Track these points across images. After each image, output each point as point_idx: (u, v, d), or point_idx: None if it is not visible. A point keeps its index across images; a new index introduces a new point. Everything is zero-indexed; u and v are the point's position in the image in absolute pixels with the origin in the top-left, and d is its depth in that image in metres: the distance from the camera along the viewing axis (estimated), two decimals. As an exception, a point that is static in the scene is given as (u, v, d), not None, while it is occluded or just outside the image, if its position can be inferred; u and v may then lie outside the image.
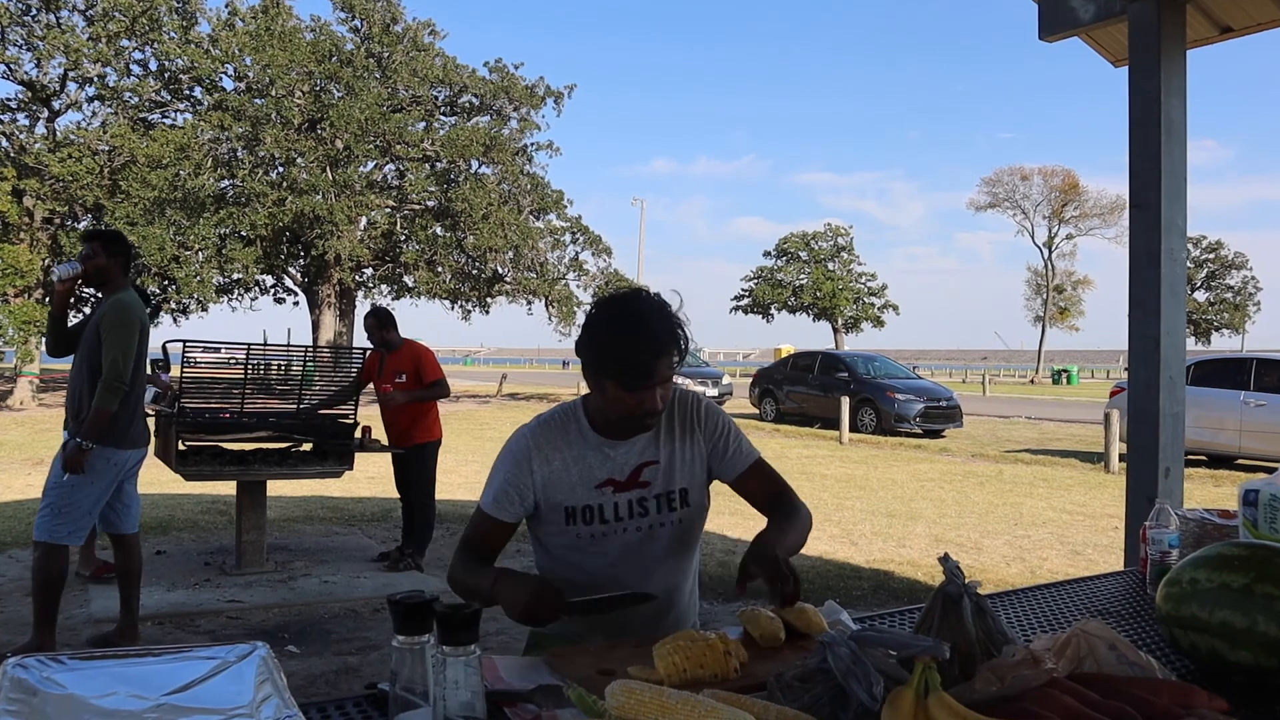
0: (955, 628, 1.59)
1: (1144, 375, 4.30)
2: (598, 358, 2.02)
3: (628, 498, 2.14)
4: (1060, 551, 7.58)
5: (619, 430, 2.12)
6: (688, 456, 2.19)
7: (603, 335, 2.01)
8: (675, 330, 2.02)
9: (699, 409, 2.23)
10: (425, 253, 27.74)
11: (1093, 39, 4.78)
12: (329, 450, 6.44)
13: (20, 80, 25.80)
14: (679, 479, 2.18)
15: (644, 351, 1.96)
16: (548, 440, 2.14)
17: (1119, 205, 62.87)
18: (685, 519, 2.20)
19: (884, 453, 15.69)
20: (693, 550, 2.29)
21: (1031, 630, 2.07)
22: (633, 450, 2.15)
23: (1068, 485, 11.66)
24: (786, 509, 2.16)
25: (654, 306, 2.02)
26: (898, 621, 2.15)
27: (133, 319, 4.53)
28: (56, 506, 4.43)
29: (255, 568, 6.38)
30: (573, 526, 2.12)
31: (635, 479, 2.14)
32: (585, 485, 2.12)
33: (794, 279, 58.14)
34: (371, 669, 4.64)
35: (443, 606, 1.34)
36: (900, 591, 6.17)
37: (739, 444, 2.24)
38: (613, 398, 2.02)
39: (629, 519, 2.14)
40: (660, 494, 2.16)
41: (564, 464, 2.12)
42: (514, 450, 2.15)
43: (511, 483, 2.12)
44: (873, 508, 9.67)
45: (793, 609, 1.89)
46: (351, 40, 28.48)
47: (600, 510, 2.12)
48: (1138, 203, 4.14)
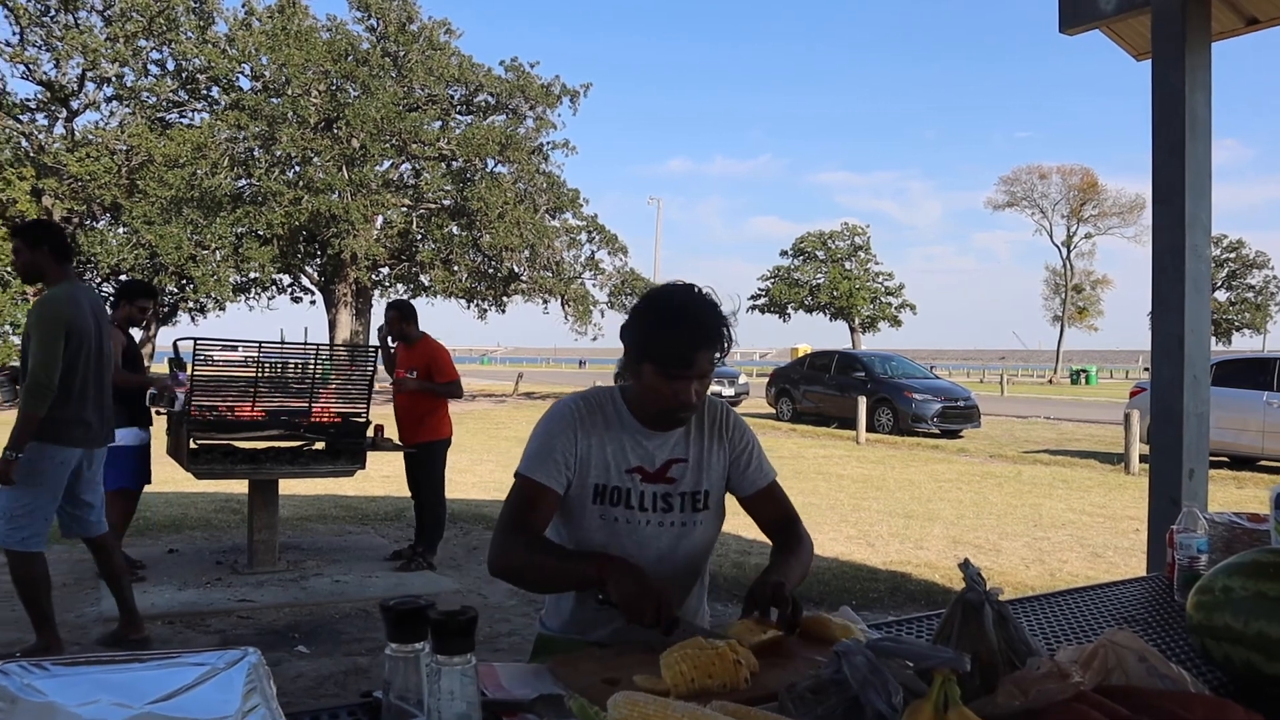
0: (976, 637, 1.52)
1: (1167, 374, 4.21)
2: (640, 341, 2.02)
3: (654, 489, 2.12)
4: (1080, 554, 7.48)
5: (653, 421, 2.12)
6: (713, 461, 2.18)
7: (648, 319, 2.02)
8: (721, 327, 2.01)
9: (728, 418, 2.24)
10: (441, 252, 27.76)
11: (1114, 32, 4.69)
12: (341, 449, 6.40)
13: (39, 80, 25.97)
14: (704, 481, 2.17)
15: (686, 340, 1.97)
16: (589, 414, 2.13)
17: (1138, 204, 62.43)
18: (705, 522, 2.19)
19: (901, 453, 15.58)
20: (707, 556, 2.26)
21: (1054, 639, 2.00)
22: (665, 444, 2.14)
23: (1087, 486, 11.53)
24: (792, 541, 2.16)
25: (704, 300, 2.02)
26: (915, 629, 2.08)
27: (57, 316, 4.30)
28: (9, 513, 4.32)
29: (267, 567, 6.35)
30: (598, 506, 2.09)
31: (663, 473, 2.13)
32: (617, 467, 2.10)
33: (811, 278, 57.96)
34: (381, 670, 4.59)
35: (437, 613, 1.28)
36: (917, 594, 6.08)
37: (760, 462, 2.24)
38: (649, 385, 2.02)
39: (652, 511, 2.12)
40: (685, 493, 2.15)
41: (600, 441, 2.11)
42: (561, 417, 2.13)
43: (559, 449, 2.08)
44: (890, 508, 9.58)
45: (813, 617, 1.84)
46: (367, 39, 28.55)
47: (627, 495, 2.10)
48: (1161, 199, 4.06)
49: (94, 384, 4.52)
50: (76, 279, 4.63)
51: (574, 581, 1.98)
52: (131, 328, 6.60)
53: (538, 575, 2.00)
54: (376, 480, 10.63)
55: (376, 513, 8.73)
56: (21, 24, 25.19)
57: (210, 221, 24.69)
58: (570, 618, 2.19)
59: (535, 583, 2.05)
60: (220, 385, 6.35)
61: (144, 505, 8.72)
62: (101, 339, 4.57)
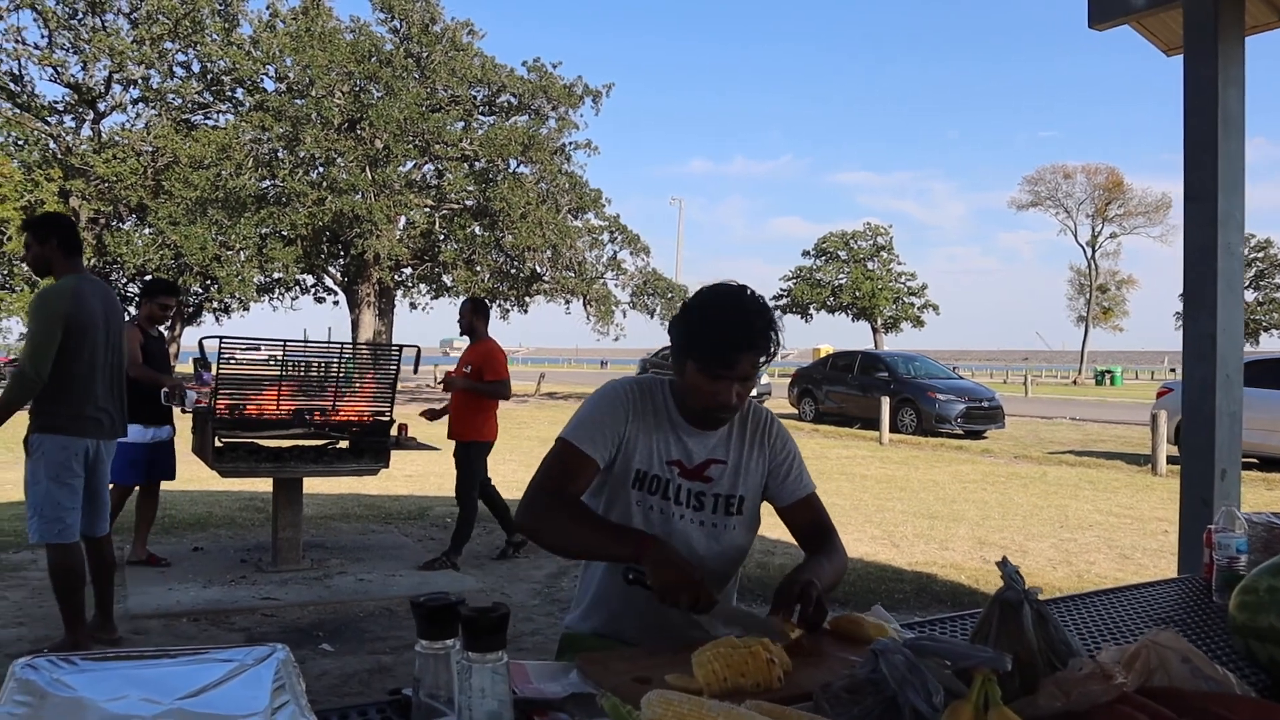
0: (1015, 637, 1.49)
1: (1199, 373, 4.15)
2: (686, 337, 2.03)
3: (690, 486, 2.12)
4: (1108, 555, 7.40)
5: (695, 419, 2.12)
6: (751, 467, 2.18)
7: (696, 316, 2.02)
8: (768, 331, 2.01)
9: (770, 425, 2.24)
10: (464, 252, 27.82)
11: (1144, 27, 4.63)
12: (365, 448, 6.41)
13: (67, 83, 26.23)
14: (740, 486, 2.16)
15: (731, 340, 1.97)
16: (641, 399, 2.14)
17: (1164, 203, 61.83)
18: (737, 528, 2.17)
19: (925, 453, 15.49)
20: (738, 562, 2.25)
21: (1091, 640, 1.96)
22: (705, 443, 2.15)
23: (1114, 487, 11.42)
24: (828, 548, 2.14)
25: (754, 303, 2.02)
26: (948, 629, 2.05)
27: (54, 309, 4.31)
28: (35, 507, 4.36)
29: (291, 565, 6.36)
30: (637, 491, 2.10)
31: (701, 471, 2.13)
32: (659, 457, 2.11)
33: (833, 279, 57.72)
34: (405, 669, 4.58)
35: (469, 610, 1.26)
36: (943, 595, 6.03)
37: (800, 472, 2.24)
38: (692, 383, 2.03)
39: (686, 507, 2.12)
40: (721, 494, 2.15)
41: (647, 429, 2.12)
42: (614, 394, 2.14)
43: (608, 424, 2.09)
44: (914, 509, 9.51)
45: (846, 616, 1.81)
46: (391, 40, 28.64)
47: (665, 485, 2.11)
48: (1193, 196, 4.00)
49: (105, 376, 4.52)
50: (85, 273, 4.64)
51: (608, 553, 1.96)
52: (156, 325, 6.66)
53: (571, 539, 1.98)
54: (399, 479, 10.66)
55: (400, 512, 8.74)
56: (50, 27, 25.46)
57: (235, 222, 24.84)
58: (600, 618, 2.17)
59: (565, 546, 2.01)
60: (246, 384, 6.37)
61: (169, 503, 8.80)
62: (112, 332, 4.57)
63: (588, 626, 2.20)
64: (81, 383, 4.41)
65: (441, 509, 8.92)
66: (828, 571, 2.02)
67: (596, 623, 2.18)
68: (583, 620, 2.21)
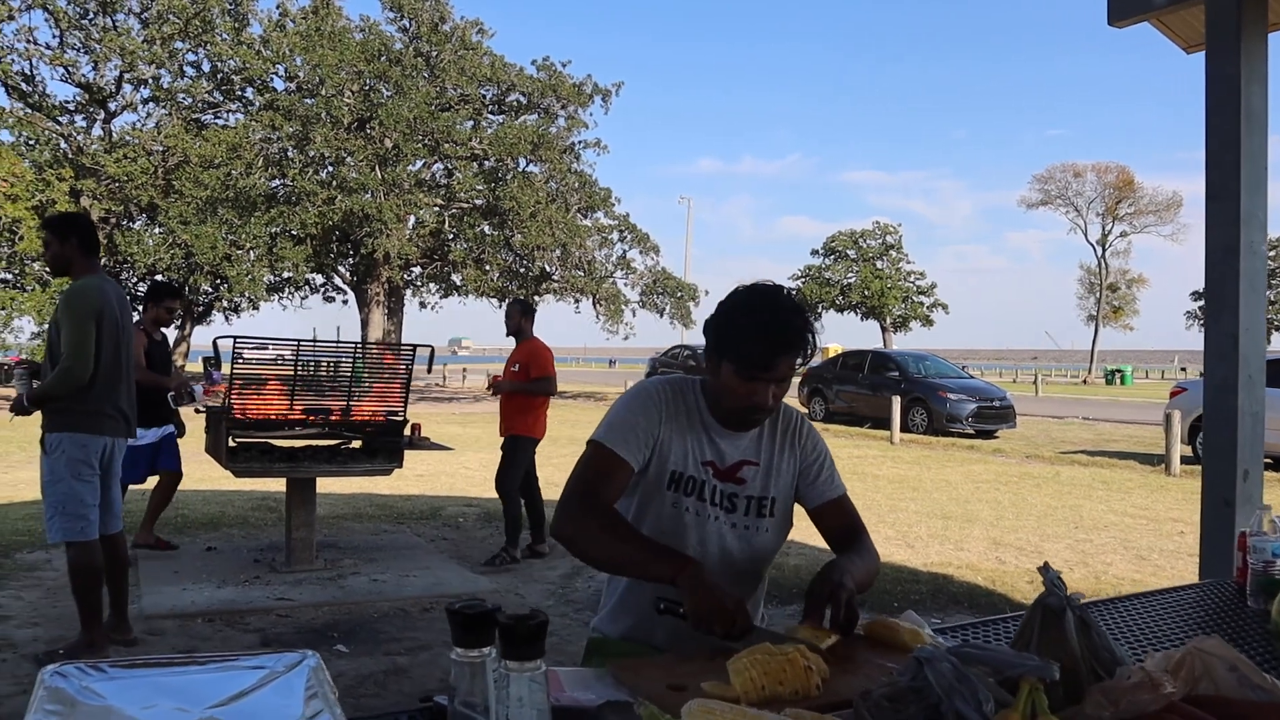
0: (1057, 644, 1.47)
1: (1221, 373, 4.10)
2: (722, 337, 2.00)
3: (722, 487, 2.10)
4: (1125, 556, 7.35)
5: (727, 420, 2.09)
6: (783, 468, 2.16)
7: (732, 316, 1.99)
8: (805, 333, 1.98)
9: (801, 427, 2.22)
10: (473, 251, 27.82)
11: (1164, 24, 4.59)
12: (378, 448, 6.40)
13: (78, 82, 26.29)
14: (773, 487, 2.14)
15: (768, 342, 1.94)
16: (674, 399, 2.11)
17: (1175, 202, 61.61)
18: (769, 530, 2.15)
19: (936, 453, 15.43)
20: (767, 563, 2.22)
21: (1130, 648, 1.93)
22: (737, 445, 2.12)
23: (1128, 488, 11.36)
24: (859, 547, 2.10)
25: (790, 304, 2.00)
26: (982, 634, 2.02)
27: (89, 304, 4.36)
28: (57, 505, 4.37)
29: (305, 565, 6.35)
30: (672, 493, 2.07)
31: (734, 472, 2.11)
32: (694, 458, 2.08)
33: (842, 277, 57.59)
34: (421, 670, 4.58)
35: (506, 617, 1.24)
36: (960, 596, 6.00)
37: (831, 473, 2.22)
38: (726, 384, 2.00)
39: (719, 509, 2.09)
40: (752, 496, 2.12)
41: (680, 429, 2.09)
42: (647, 395, 2.11)
43: (642, 426, 2.06)
44: (928, 509, 9.47)
45: (879, 621, 1.79)
46: (400, 40, 28.66)
47: (700, 487, 2.08)
48: (1215, 194, 3.96)
49: (124, 376, 4.57)
50: (103, 272, 4.66)
51: (642, 572, 1.92)
52: (160, 328, 6.73)
53: (606, 554, 1.95)
54: (411, 479, 10.65)
55: (412, 511, 8.73)
56: (61, 27, 25.51)
57: (245, 221, 24.88)
58: (629, 622, 2.15)
59: (600, 560, 1.98)
60: (260, 384, 6.36)
61: (182, 503, 8.80)
62: (127, 332, 4.61)
63: (615, 630, 2.18)
64: (104, 381, 4.43)
65: (453, 509, 8.91)
66: (859, 570, 1.97)
67: (625, 626, 2.16)
68: (610, 622, 2.19)
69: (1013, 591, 6.10)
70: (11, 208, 21.99)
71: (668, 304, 29.63)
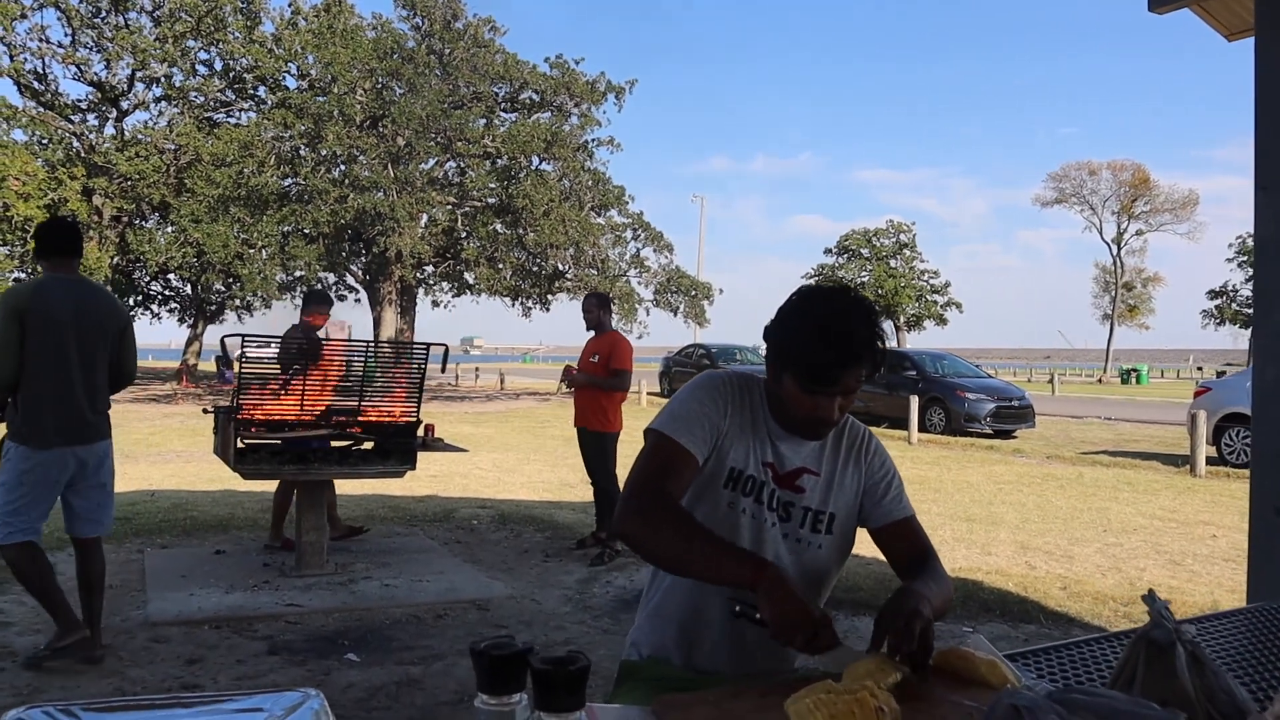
0: (1165, 684, 1.28)
1: (1273, 373, 3.89)
2: (784, 348, 1.84)
3: (779, 494, 1.93)
4: (1158, 561, 7.13)
5: (790, 426, 1.92)
6: (846, 483, 1.99)
7: (796, 325, 1.82)
8: (874, 342, 1.80)
9: (869, 442, 2.04)
10: (486, 249, 27.66)
11: (1205, 10, 4.39)
12: (391, 449, 6.23)
13: (90, 81, 26.23)
14: (833, 502, 1.96)
15: (834, 355, 1.78)
16: (739, 394, 1.95)
17: (1192, 200, 61.13)
18: (825, 548, 1.96)
19: (955, 453, 15.20)
20: (824, 586, 2.03)
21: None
22: (799, 451, 1.95)
23: (1154, 489, 11.12)
24: (930, 572, 1.89)
25: (861, 309, 1.81)
26: (1063, 661, 1.82)
27: (6, 305, 4.24)
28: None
29: (315, 569, 6.19)
30: (730, 492, 1.90)
31: (793, 479, 1.94)
32: (755, 457, 1.92)
33: (855, 276, 57.30)
34: (434, 681, 4.40)
35: (541, 662, 1.06)
36: (991, 603, 5.79)
37: (899, 493, 2.03)
38: (789, 393, 1.86)
39: (775, 514, 1.92)
40: (809, 509, 1.95)
41: (744, 424, 1.93)
42: (715, 386, 1.94)
43: (708, 415, 1.89)
44: (951, 511, 9.26)
45: (953, 650, 1.60)
46: (413, 37, 28.54)
47: (760, 488, 1.91)
48: (1266, 184, 3.75)
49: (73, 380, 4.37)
50: (69, 273, 4.50)
51: (718, 574, 1.70)
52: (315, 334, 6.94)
53: (675, 552, 1.74)
54: (424, 480, 10.49)
55: (424, 514, 8.56)
56: (73, 25, 25.45)
57: (257, 220, 24.77)
58: (667, 634, 1.97)
59: (669, 559, 1.79)
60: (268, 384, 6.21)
61: (192, 505, 8.67)
62: (86, 332, 4.42)
63: (650, 642, 2.01)
64: (42, 385, 4.29)
65: (467, 511, 8.75)
66: (935, 597, 1.75)
67: (662, 642, 1.98)
68: (646, 634, 2.01)
69: (1045, 599, 5.89)
70: (24, 206, 21.95)
71: (682, 302, 29.42)
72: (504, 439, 16.67)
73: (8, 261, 23.17)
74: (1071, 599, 5.89)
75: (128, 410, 21.57)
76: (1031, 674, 1.69)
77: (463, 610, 5.59)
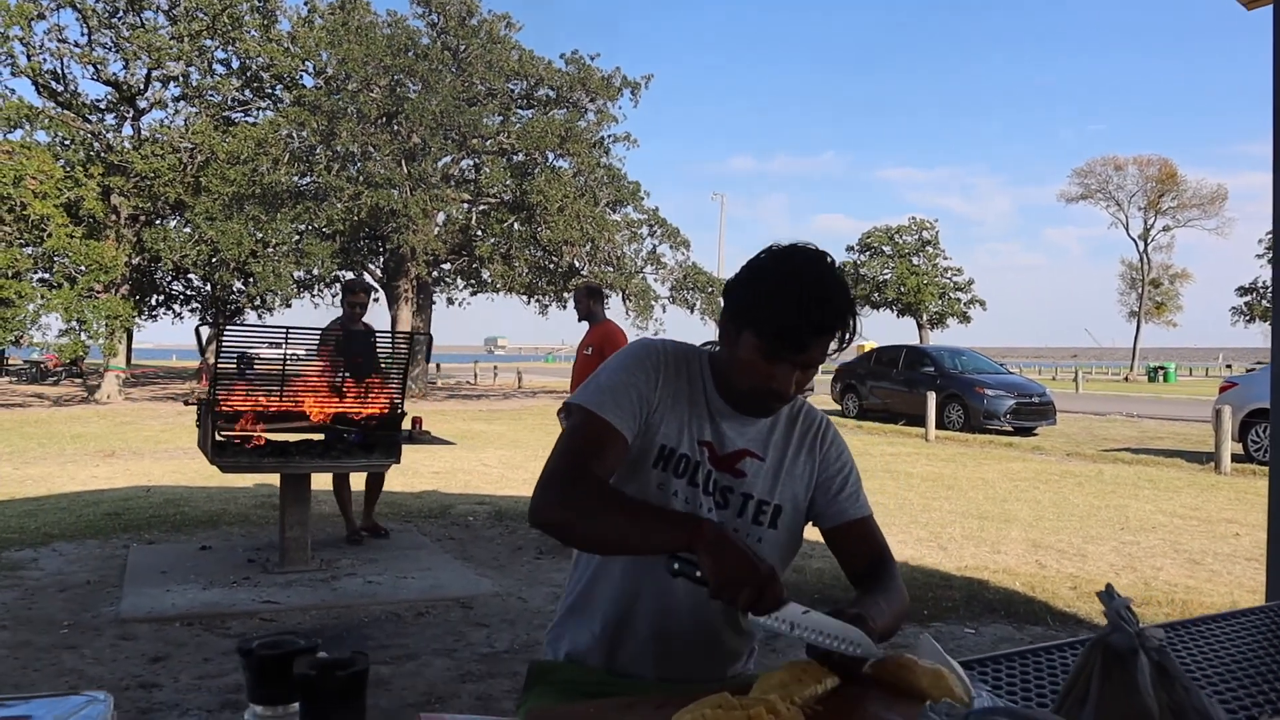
0: (1122, 699, 1.05)
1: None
2: (750, 305, 1.63)
3: (716, 477, 1.71)
4: (1176, 560, 6.84)
5: (738, 401, 1.71)
6: (796, 473, 1.76)
7: (769, 283, 1.62)
8: (848, 314, 1.60)
9: (826, 432, 1.83)
10: (501, 246, 27.49)
11: (1224, -24, 4.14)
12: (375, 442, 6.05)
13: (106, 80, 26.26)
14: (779, 494, 1.74)
15: (808, 319, 1.58)
16: (676, 366, 1.74)
17: (1219, 195, 60.35)
18: (767, 542, 1.73)
19: (973, 451, 14.89)
20: None
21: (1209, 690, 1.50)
22: (742, 432, 1.74)
23: (1176, 487, 10.79)
24: (885, 584, 1.67)
25: (839, 278, 1.62)
26: (1028, 670, 1.60)
27: None
28: None
29: (299, 566, 6.02)
30: (659, 472, 1.68)
31: (733, 462, 1.72)
32: (690, 435, 1.70)
33: (877, 274, 56.87)
34: (403, 681, 4.21)
35: (312, 664, 0.85)
36: (996, 603, 5.54)
37: (856, 490, 1.80)
38: (745, 359, 1.64)
39: (710, 499, 1.70)
40: (750, 496, 1.73)
41: (678, 398, 1.71)
42: (645, 354, 1.73)
43: (636, 387, 1.67)
44: (963, 509, 8.99)
45: (893, 658, 1.37)
46: (428, 34, 28.41)
47: (695, 469, 1.69)
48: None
49: None
50: None
51: (653, 541, 1.48)
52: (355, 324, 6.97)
53: (601, 531, 1.54)
54: (426, 475, 10.33)
55: (420, 509, 8.37)
56: (90, 25, 25.47)
57: (271, 218, 24.70)
58: (586, 631, 1.77)
59: (594, 540, 1.59)
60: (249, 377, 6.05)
61: (185, 500, 8.53)
62: None
63: (567, 650, 1.80)
64: None
65: (465, 507, 8.56)
66: (884, 614, 1.53)
67: (582, 641, 1.78)
68: (568, 634, 1.81)
69: (1054, 599, 5.63)
70: (40, 205, 21.96)
71: (698, 299, 29.13)
72: (514, 436, 16.51)
73: (25, 259, 23.18)
74: (1081, 599, 5.62)
75: (143, 409, 21.60)
76: (986, 684, 1.47)
77: (445, 608, 5.39)
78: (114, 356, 24.49)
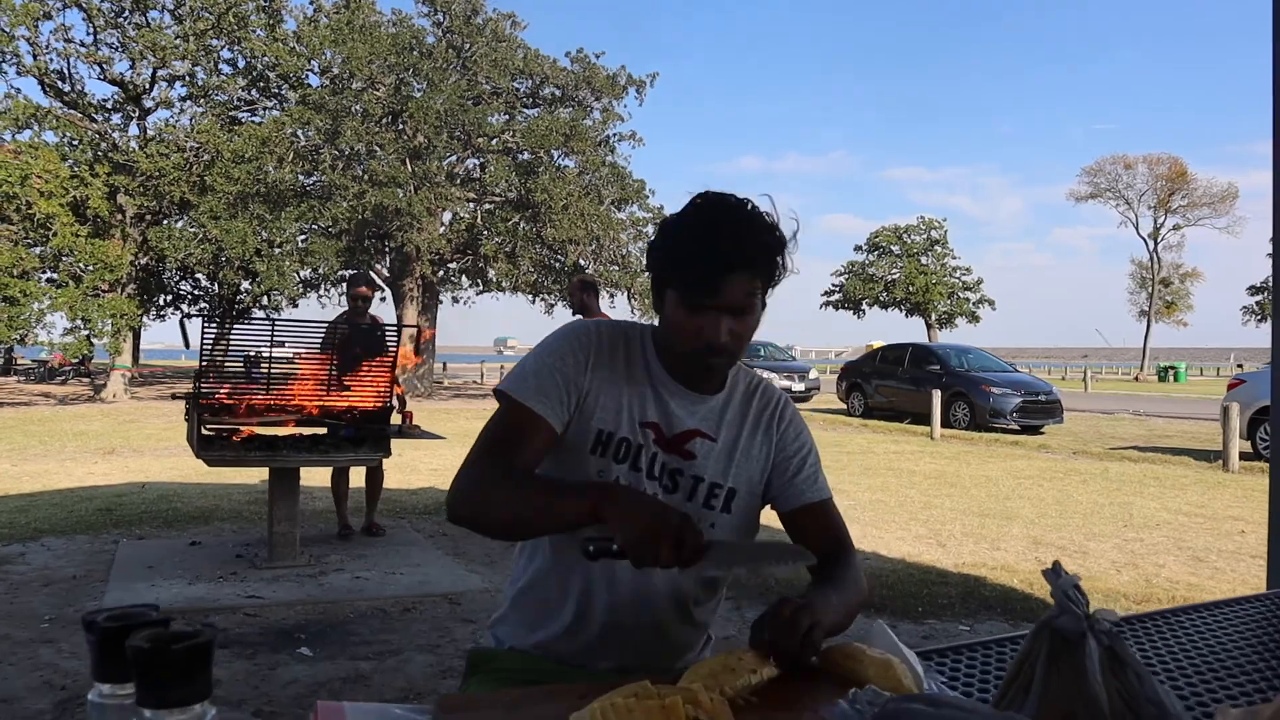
0: (1070, 687, 0.97)
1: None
2: (664, 263, 1.57)
3: (664, 459, 1.61)
4: (1179, 557, 6.73)
5: (685, 372, 1.63)
6: (751, 454, 1.67)
7: (673, 235, 1.55)
8: (763, 247, 1.51)
9: (783, 410, 1.73)
10: (505, 245, 27.42)
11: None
12: (364, 436, 5.98)
13: (112, 79, 26.27)
14: (733, 476, 1.65)
15: (713, 260, 1.48)
16: (611, 346, 1.65)
17: (1230, 193, 59.97)
18: (720, 528, 1.64)
19: (978, 449, 14.77)
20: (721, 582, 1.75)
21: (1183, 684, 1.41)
22: (692, 411, 1.65)
23: (1182, 484, 10.67)
24: (840, 575, 1.57)
25: (748, 214, 1.52)
26: (989, 661, 1.51)
27: None
28: None
29: (287, 561, 5.95)
30: (598, 458, 1.59)
31: (681, 443, 1.63)
32: (630, 417, 1.61)
33: (886, 273, 56.66)
34: (384, 678, 4.13)
35: (145, 639, 0.77)
36: (993, 600, 5.44)
37: (814, 472, 1.71)
38: (672, 319, 1.57)
39: (656, 483, 1.61)
40: (702, 479, 1.63)
41: (614, 378, 1.62)
42: (575, 336, 1.64)
43: (562, 371, 1.58)
44: (964, 506, 8.88)
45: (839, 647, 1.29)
46: (432, 33, 28.35)
47: (637, 453, 1.60)
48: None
49: None
50: None
51: (555, 518, 1.42)
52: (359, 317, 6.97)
53: (510, 515, 1.46)
54: (424, 472, 10.25)
55: (415, 506, 8.31)
56: (96, 25, 25.49)
57: (276, 216, 24.67)
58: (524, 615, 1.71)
59: (505, 523, 1.50)
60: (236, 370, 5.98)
61: (178, 496, 8.48)
62: None
63: (510, 639, 1.73)
64: None
65: (460, 503, 8.47)
66: (834, 607, 1.43)
67: (527, 630, 1.70)
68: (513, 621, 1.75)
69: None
70: (45, 204, 21.97)
71: (705, 298, 29.04)
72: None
73: (31, 258, 23.19)
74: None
75: (148, 408, 21.61)
76: (943, 676, 1.38)
77: (432, 604, 5.31)
78: (119, 355, 24.50)
